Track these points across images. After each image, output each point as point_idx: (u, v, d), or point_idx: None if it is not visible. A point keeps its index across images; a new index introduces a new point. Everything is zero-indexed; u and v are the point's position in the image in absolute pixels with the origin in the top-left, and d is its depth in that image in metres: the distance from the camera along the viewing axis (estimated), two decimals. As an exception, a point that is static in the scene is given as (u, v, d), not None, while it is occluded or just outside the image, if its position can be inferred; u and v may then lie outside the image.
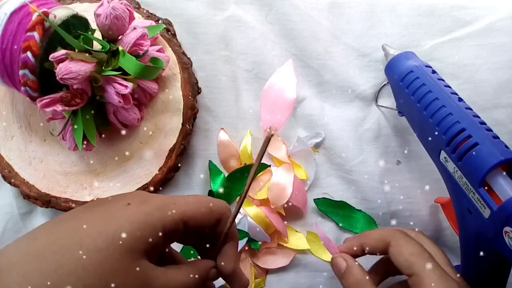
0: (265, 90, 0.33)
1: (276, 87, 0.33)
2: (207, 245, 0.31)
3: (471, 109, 0.35)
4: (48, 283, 0.23)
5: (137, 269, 0.25)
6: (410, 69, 0.39)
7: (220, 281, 0.31)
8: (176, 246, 0.33)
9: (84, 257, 0.24)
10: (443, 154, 0.35)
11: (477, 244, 0.34)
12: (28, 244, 0.25)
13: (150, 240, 0.25)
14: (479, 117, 0.35)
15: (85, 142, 0.37)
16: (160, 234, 0.26)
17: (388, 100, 0.46)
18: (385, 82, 0.45)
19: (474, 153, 0.32)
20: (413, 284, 0.31)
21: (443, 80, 0.38)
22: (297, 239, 0.44)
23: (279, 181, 0.43)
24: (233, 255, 0.30)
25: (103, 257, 0.24)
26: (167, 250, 0.31)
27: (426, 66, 0.39)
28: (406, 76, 0.39)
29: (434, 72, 0.39)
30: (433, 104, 0.36)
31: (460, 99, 0.36)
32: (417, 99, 0.37)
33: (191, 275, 0.28)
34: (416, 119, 0.39)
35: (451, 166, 0.34)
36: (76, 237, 0.25)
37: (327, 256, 0.44)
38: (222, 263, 0.30)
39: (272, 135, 0.30)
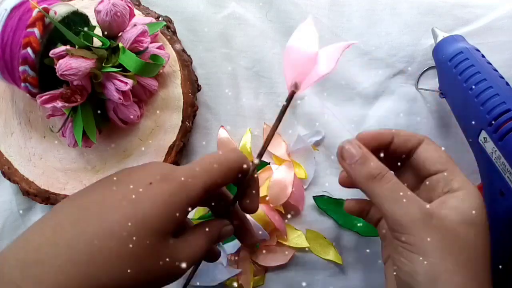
0: (287, 48, 0.31)
1: (297, 44, 0.31)
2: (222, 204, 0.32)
3: None
4: (84, 273, 0.24)
5: (167, 248, 0.26)
6: (460, 50, 0.40)
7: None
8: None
9: (116, 245, 0.24)
10: (483, 134, 0.36)
11: (505, 231, 0.35)
12: (55, 235, 0.25)
13: (177, 219, 0.26)
14: None
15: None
16: (187, 210, 0.27)
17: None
18: (427, 67, 0.46)
19: None
20: (444, 179, 0.31)
21: (491, 64, 0.39)
22: (296, 237, 0.44)
23: (279, 180, 0.43)
24: (257, 196, 0.31)
25: (135, 243, 0.24)
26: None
27: (476, 50, 0.40)
28: (455, 57, 0.40)
29: (483, 56, 0.40)
30: (480, 85, 0.37)
31: (508, 84, 0.37)
32: (464, 79, 0.38)
33: (208, 236, 0.29)
34: (459, 98, 0.40)
35: (489, 146, 0.35)
36: (105, 224, 0.25)
37: (326, 254, 0.44)
38: (248, 201, 0.31)
39: (294, 92, 0.29)
